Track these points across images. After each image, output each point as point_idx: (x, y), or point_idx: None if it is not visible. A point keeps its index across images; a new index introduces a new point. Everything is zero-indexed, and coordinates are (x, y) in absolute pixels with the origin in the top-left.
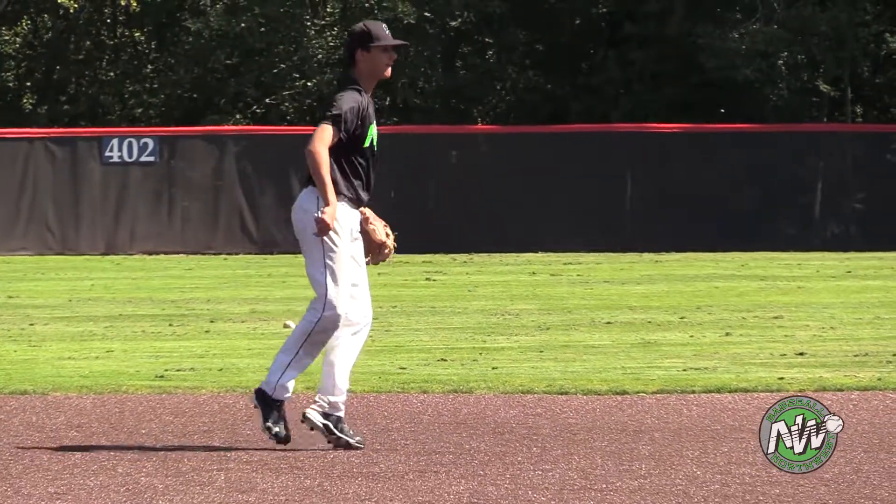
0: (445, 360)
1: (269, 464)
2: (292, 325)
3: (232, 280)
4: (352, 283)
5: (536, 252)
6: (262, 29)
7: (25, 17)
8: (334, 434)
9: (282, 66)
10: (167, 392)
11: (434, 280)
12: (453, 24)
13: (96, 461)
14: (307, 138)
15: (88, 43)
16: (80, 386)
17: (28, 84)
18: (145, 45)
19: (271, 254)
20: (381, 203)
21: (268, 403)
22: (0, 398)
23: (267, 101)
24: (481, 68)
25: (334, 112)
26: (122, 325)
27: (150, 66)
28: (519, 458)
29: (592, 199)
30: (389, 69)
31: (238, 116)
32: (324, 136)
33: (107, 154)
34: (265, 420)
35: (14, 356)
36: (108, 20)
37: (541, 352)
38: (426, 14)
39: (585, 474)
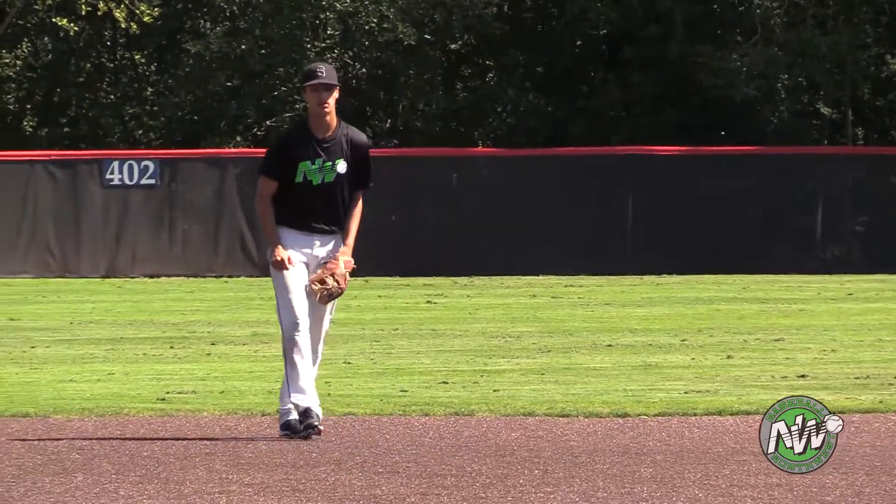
0: (447, 383)
1: (271, 486)
2: None
3: (233, 302)
4: (295, 300)
5: (537, 275)
6: (263, 51)
7: (25, 39)
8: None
9: (282, 88)
10: (168, 415)
11: (435, 303)
12: (453, 46)
13: (98, 484)
14: None
15: (88, 65)
16: (82, 409)
17: (28, 107)
18: (145, 68)
19: None
20: (383, 226)
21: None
22: (1, 421)
23: (267, 123)
24: (481, 91)
25: (260, 168)
26: (123, 347)
27: (150, 89)
28: (521, 481)
29: (593, 221)
30: (322, 107)
31: (238, 139)
32: (259, 192)
33: (107, 177)
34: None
35: (15, 379)
36: (108, 42)
37: (542, 374)
38: (426, 36)
39: (587, 497)
